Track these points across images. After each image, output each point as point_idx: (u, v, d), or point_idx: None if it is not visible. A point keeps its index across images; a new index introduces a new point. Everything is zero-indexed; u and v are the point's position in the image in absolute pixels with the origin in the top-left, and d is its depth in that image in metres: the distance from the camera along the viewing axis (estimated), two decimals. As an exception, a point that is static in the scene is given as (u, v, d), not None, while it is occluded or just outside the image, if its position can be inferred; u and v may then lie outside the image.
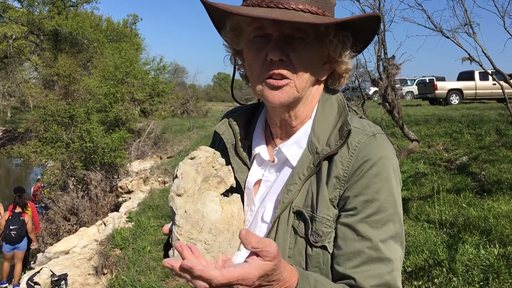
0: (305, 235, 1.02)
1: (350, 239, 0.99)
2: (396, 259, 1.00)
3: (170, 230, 0.99)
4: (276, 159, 1.14)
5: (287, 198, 1.05)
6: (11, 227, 9.02)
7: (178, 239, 0.94)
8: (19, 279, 8.94)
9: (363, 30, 1.10)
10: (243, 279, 0.78)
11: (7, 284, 9.10)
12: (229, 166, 1.14)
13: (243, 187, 1.15)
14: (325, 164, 1.05)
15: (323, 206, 1.02)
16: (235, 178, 1.14)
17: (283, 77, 1.04)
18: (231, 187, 1.13)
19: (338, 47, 1.08)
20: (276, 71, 1.03)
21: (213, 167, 1.08)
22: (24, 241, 9.27)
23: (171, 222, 0.99)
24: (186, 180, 1.00)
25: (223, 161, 1.11)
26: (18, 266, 9.24)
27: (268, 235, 1.05)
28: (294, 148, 1.11)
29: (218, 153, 1.11)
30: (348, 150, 1.04)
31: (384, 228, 0.99)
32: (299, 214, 1.04)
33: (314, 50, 1.05)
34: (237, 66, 1.21)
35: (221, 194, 1.11)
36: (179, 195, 0.98)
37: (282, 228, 1.04)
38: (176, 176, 1.00)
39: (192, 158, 1.05)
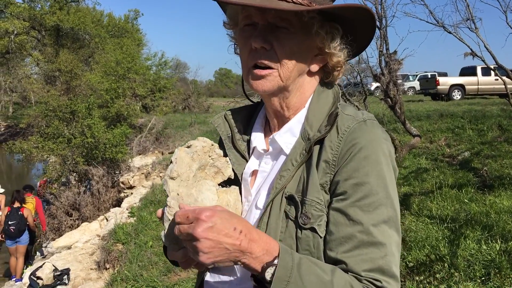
0: (295, 218, 1.03)
1: (341, 224, 0.98)
2: (391, 244, 0.97)
3: (163, 213, 1.01)
4: (271, 148, 1.15)
5: (280, 183, 1.06)
6: (9, 223, 9.02)
7: (169, 220, 0.95)
8: (22, 274, 8.97)
9: (358, 24, 1.08)
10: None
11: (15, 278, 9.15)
12: (227, 158, 1.15)
13: (240, 178, 1.16)
14: (316, 149, 1.06)
15: (313, 189, 1.02)
16: (233, 170, 1.15)
17: (266, 66, 1.05)
18: (230, 179, 1.14)
19: (326, 38, 1.07)
20: (260, 60, 1.05)
21: (209, 157, 1.10)
22: (25, 235, 9.27)
23: (164, 205, 1.01)
24: (180, 165, 1.02)
25: (220, 152, 1.12)
26: (20, 260, 9.26)
27: (260, 219, 1.06)
28: (287, 136, 1.12)
29: (216, 144, 1.13)
30: (337, 134, 1.04)
31: (376, 212, 0.97)
32: (291, 199, 1.04)
33: (299, 40, 1.05)
34: None
35: (220, 186, 1.12)
36: (172, 178, 1.00)
37: (275, 213, 1.05)
38: (171, 162, 1.03)
39: (188, 147, 1.08)
